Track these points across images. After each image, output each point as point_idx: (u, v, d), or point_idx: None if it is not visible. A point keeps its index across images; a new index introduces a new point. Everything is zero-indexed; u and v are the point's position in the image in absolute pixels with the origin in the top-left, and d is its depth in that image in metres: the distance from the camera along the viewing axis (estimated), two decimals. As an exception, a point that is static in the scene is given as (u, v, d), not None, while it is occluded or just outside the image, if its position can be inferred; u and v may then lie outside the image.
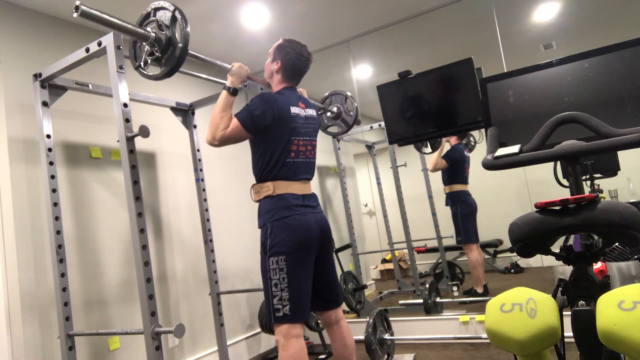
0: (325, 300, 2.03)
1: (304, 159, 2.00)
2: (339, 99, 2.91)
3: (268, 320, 1.87)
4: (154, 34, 1.78)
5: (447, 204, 3.73)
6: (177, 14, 1.75)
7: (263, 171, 1.94)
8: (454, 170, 3.70)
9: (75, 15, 1.57)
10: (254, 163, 1.99)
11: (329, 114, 2.92)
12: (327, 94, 2.97)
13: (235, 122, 1.89)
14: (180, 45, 1.75)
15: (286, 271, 1.82)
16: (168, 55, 1.80)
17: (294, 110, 1.97)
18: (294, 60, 2.01)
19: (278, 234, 1.85)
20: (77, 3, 1.56)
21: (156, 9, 1.81)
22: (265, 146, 1.93)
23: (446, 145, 3.74)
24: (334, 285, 2.06)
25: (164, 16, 1.78)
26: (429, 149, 3.82)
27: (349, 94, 2.89)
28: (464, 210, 3.65)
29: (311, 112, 2.08)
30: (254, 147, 1.99)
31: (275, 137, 1.92)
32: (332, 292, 2.05)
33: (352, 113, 2.88)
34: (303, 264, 1.86)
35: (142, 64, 1.87)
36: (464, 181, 3.71)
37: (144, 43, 1.83)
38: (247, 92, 3.86)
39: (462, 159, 3.72)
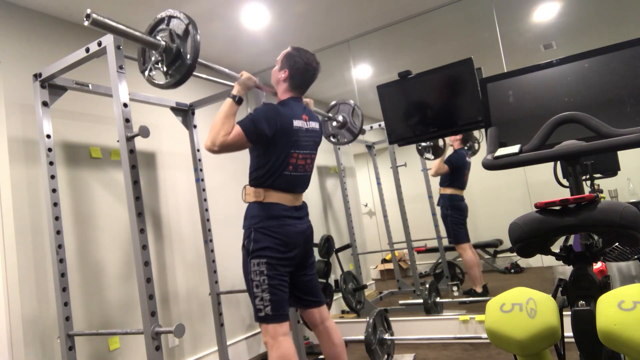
0: (302, 299, 2.06)
1: (302, 172, 1.99)
2: (347, 109, 2.91)
3: (255, 319, 1.92)
4: (164, 43, 1.75)
5: (438, 204, 3.74)
6: (190, 27, 1.71)
7: (259, 179, 1.94)
8: (454, 174, 3.70)
9: (86, 23, 1.55)
10: (251, 170, 1.99)
11: (334, 123, 2.92)
12: (334, 102, 2.99)
13: (237, 129, 1.86)
14: (188, 62, 1.72)
15: (266, 273, 1.85)
16: (175, 67, 1.76)
17: (297, 123, 1.95)
18: (302, 70, 1.99)
19: (260, 240, 1.88)
20: (89, 11, 1.55)
21: (170, 17, 1.78)
22: (265, 158, 1.92)
23: (449, 149, 3.74)
24: (312, 287, 2.08)
25: (177, 27, 1.75)
26: (431, 156, 3.82)
27: (356, 105, 2.89)
28: (454, 214, 3.67)
29: (314, 124, 2.06)
30: (253, 157, 1.98)
31: (276, 150, 1.91)
32: (310, 293, 2.07)
33: (357, 124, 2.90)
34: (282, 267, 1.90)
35: (148, 70, 1.85)
36: (461, 186, 3.71)
37: (153, 51, 1.81)
38: (247, 95, 3.85)
39: (462, 165, 3.72)
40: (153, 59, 1.81)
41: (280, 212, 1.91)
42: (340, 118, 2.91)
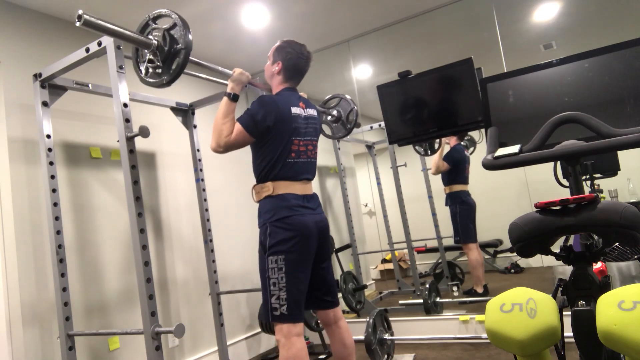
0: (322, 300, 2.04)
1: (305, 159, 2.00)
2: (346, 107, 2.85)
3: (265, 319, 1.88)
4: (156, 42, 1.75)
5: (446, 204, 3.73)
6: (181, 25, 1.71)
7: (263, 171, 1.94)
8: (455, 170, 3.70)
9: (78, 24, 1.55)
10: (254, 164, 1.99)
11: (329, 117, 2.89)
12: (332, 96, 2.88)
13: (238, 127, 1.88)
14: (180, 60, 1.72)
15: (285, 270, 1.83)
16: (167, 65, 1.77)
17: (295, 110, 1.97)
18: (295, 60, 2.01)
19: (277, 234, 1.86)
20: (80, 12, 1.55)
21: (161, 16, 1.78)
22: (267, 148, 1.93)
23: (446, 147, 3.74)
24: (330, 286, 2.07)
25: (169, 25, 1.75)
26: (421, 150, 3.83)
27: (356, 106, 2.84)
28: (463, 210, 3.65)
29: (312, 112, 2.08)
30: (254, 149, 1.99)
31: (277, 138, 1.92)
32: (328, 293, 2.05)
33: (352, 120, 2.84)
34: (301, 264, 1.87)
35: (143, 70, 1.85)
36: (464, 181, 3.71)
37: (145, 50, 1.81)
38: (247, 93, 3.86)
39: (462, 159, 3.72)
40: (146, 57, 1.80)
41: (292, 202, 1.89)
42: (335, 112, 2.87)
